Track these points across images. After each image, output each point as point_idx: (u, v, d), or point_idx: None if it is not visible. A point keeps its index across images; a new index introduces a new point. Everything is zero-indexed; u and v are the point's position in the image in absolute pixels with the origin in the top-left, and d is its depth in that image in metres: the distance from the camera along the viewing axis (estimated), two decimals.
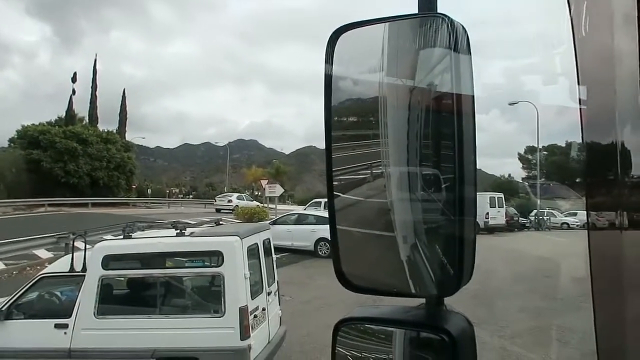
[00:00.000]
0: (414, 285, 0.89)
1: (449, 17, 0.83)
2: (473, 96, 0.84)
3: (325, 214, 16.60)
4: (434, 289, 0.89)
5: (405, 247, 0.89)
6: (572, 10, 0.90)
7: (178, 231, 6.19)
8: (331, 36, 0.93)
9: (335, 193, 0.96)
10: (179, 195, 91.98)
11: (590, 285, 0.89)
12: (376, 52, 0.90)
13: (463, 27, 0.84)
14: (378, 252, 0.96)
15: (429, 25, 0.87)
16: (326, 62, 0.93)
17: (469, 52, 0.85)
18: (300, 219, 18.22)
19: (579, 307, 6.76)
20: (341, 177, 0.97)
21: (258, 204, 34.98)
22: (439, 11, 1.04)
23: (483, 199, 23.69)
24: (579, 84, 0.92)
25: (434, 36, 0.85)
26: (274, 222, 17.69)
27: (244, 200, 38.62)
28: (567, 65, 0.96)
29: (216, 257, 5.79)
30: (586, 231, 0.90)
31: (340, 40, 0.93)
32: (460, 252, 0.84)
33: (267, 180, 32.43)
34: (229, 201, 38.58)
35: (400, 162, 0.91)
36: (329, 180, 0.96)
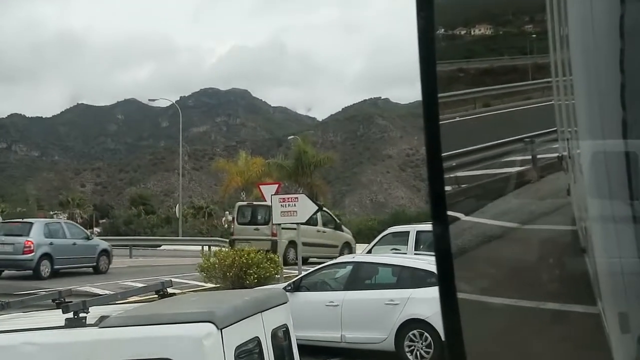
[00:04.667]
0: None
1: None
2: None
3: (422, 262, 16.58)
4: None
5: (624, 341, 0.89)
6: None
7: (70, 315, 6.27)
8: None
9: (450, 214, 0.94)
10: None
11: None
12: None
13: None
14: (562, 351, 0.96)
15: None
16: None
17: None
18: (359, 276, 18.05)
19: None
20: (462, 175, 0.97)
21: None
22: None
23: None
24: None
25: None
26: (297, 286, 17.75)
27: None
28: None
29: None
30: None
31: None
32: None
33: (277, 186, 32.08)
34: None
35: (605, 132, 0.92)
36: (436, 180, 0.94)
